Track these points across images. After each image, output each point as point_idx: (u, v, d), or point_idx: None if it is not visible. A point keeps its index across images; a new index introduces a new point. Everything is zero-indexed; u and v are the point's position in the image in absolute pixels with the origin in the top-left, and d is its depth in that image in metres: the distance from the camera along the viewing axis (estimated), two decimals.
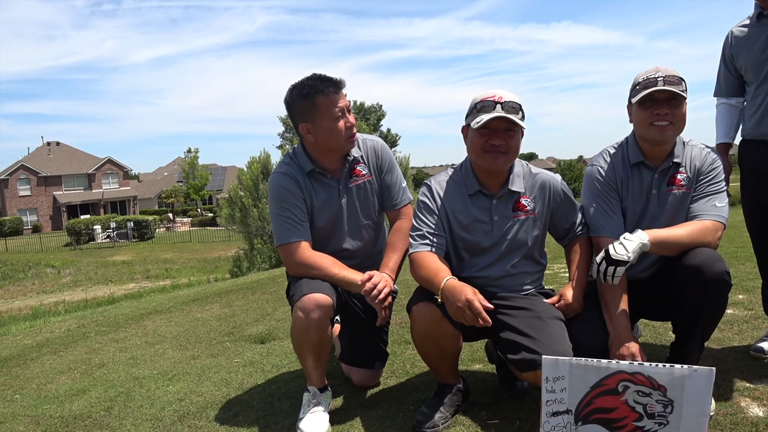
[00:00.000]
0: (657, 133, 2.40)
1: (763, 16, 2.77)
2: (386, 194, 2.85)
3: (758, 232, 3.00)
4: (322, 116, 2.60)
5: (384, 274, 2.59)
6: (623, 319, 2.36)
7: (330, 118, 2.60)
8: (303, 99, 2.61)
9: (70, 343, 4.74)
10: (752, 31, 2.83)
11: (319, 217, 2.74)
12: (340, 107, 2.60)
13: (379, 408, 2.69)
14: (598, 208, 2.54)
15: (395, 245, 2.72)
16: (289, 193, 2.67)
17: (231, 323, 4.82)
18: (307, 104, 2.60)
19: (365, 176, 2.80)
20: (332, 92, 2.58)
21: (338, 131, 2.62)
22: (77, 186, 58.92)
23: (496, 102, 2.35)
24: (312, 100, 2.59)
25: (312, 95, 2.58)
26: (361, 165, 2.79)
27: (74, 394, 3.32)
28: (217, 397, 3.03)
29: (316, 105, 2.59)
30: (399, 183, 2.86)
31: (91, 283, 25.99)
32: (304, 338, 2.49)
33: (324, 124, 2.61)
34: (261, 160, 17.54)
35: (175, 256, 34.66)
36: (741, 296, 4.07)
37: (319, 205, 2.72)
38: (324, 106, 2.59)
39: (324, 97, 2.58)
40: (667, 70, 2.38)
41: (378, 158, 2.83)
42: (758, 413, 2.33)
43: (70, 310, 9.53)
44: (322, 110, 2.59)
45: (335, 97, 2.59)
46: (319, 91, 2.58)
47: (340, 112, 2.60)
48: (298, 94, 2.62)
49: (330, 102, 2.58)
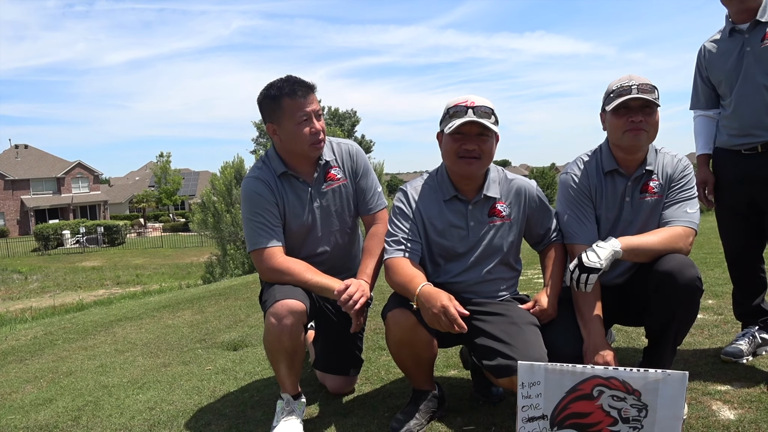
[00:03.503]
0: (631, 140, 2.42)
1: (735, 31, 2.85)
2: (361, 198, 2.83)
3: (731, 239, 3.06)
4: (286, 119, 2.58)
5: (361, 281, 2.55)
6: (597, 325, 2.38)
7: (294, 122, 2.57)
8: (270, 100, 2.60)
9: (36, 351, 4.62)
10: (725, 46, 2.90)
11: (291, 222, 2.70)
12: (306, 111, 2.57)
13: (354, 415, 2.67)
14: (572, 215, 2.56)
15: (372, 251, 2.70)
16: (262, 198, 2.63)
17: (203, 330, 4.75)
18: (273, 105, 2.59)
19: (340, 180, 2.77)
20: (300, 96, 2.56)
21: (302, 136, 2.59)
22: (46, 190, 57.75)
23: (468, 107, 2.36)
24: (278, 102, 2.57)
25: (279, 97, 2.57)
26: (336, 168, 2.77)
27: (40, 404, 3.23)
28: (188, 406, 2.97)
29: (282, 107, 2.57)
30: (374, 187, 2.85)
31: (60, 290, 25.44)
32: (276, 345, 2.45)
33: (288, 127, 2.59)
34: (234, 165, 17.46)
35: (147, 262, 34.17)
36: (711, 301, 4.14)
37: (291, 209, 2.69)
38: (289, 109, 2.56)
39: (290, 99, 2.55)
40: (641, 78, 2.41)
41: (353, 162, 2.81)
42: (729, 416, 2.35)
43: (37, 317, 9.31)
44: (287, 113, 2.57)
45: (302, 101, 2.56)
46: (286, 93, 2.56)
47: (306, 116, 2.57)
48: (266, 94, 2.61)
49: (296, 105, 2.56)
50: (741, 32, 2.83)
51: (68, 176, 59.02)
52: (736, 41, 2.84)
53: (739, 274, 3.08)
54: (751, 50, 2.78)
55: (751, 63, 2.78)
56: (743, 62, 2.80)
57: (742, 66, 2.81)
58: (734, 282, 3.12)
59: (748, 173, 2.84)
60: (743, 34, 2.81)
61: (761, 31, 2.77)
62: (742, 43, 2.82)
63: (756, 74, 2.77)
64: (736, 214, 2.97)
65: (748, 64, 2.79)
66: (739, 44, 2.83)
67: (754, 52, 2.77)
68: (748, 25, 2.79)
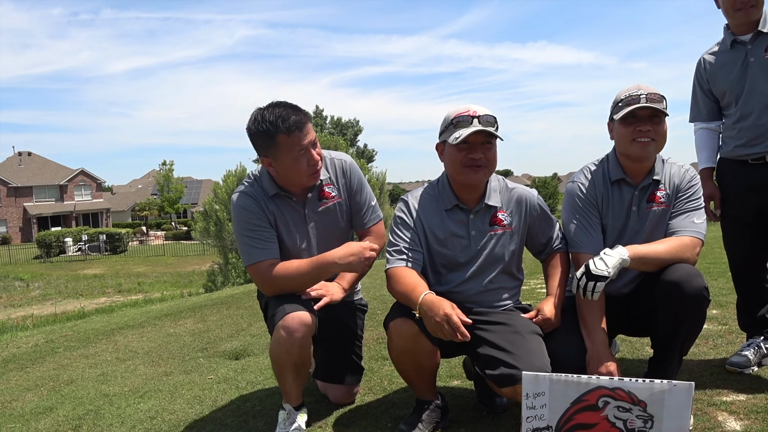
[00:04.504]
0: (639, 149, 2.43)
1: (737, 43, 2.86)
2: (356, 214, 2.80)
3: (736, 249, 3.05)
4: (283, 155, 2.51)
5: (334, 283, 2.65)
6: (601, 335, 2.37)
7: (292, 157, 2.51)
8: (265, 136, 2.50)
9: (37, 359, 4.61)
10: (726, 57, 2.91)
11: (286, 241, 2.66)
12: (303, 145, 2.50)
13: (356, 425, 2.65)
14: (578, 224, 2.56)
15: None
16: (251, 213, 2.59)
17: (205, 339, 4.74)
18: (269, 142, 2.51)
19: (335, 198, 2.73)
20: (295, 131, 2.48)
21: (300, 169, 2.54)
22: (48, 197, 57.84)
23: (472, 117, 2.36)
24: (273, 139, 2.49)
25: (274, 134, 2.48)
26: (330, 186, 2.72)
27: (41, 413, 3.22)
28: (189, 415, 2.95)
29: (278, 144, 2.49)
30: (369, 202, 2.81)
31: (61, 297, 25.41)
32: (285, 357, 2.43)
33: (286, 162, 2.53)
34: (237, 173, 17.46)
35: (148, 270, 34.15)
36: (715, 311, 4.12)
37: (284, 228, 2.65)
38: (286, 146, 2.49)
39: (286, 136, 2.47)
40: (649, 87, 2.42)
41: (347, 179, 2.76)
42: (735, 427, 2.33)
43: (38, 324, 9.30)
44: (284, 150, 2.50)
45: (298, 135, 2.48)
46: (281, 130, 2.47)
47: (303, 150, 2.51)
48: (257, 130, 2.50)
49: (292, 142, 2.48)
50: (743, 43, 2.84)
51: (71, 184, 59.13)
52: (739, 52, 2.86)
53: (744, 285, 3.07)
54: (755, 61, 2.79)
55: (757, 74, 2.79)
56: (748, 73, 2.82)
57: (747, 77, 2.82)
58: (739, 293, 3.10)
59: (757, 183, 2.84)
60: (746, 45, 2.83)
61: (764, 42, 2.79)
62: (745, 54, 2.83)
63: (762, 84, 2.78)
64: (743, 225, 2.96)
65: (754, 74, 2.80)
66: (742, 55, 2.84)
67: (759, 62, 2.79)
68: (751, 36, 2.81)
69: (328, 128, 49.76)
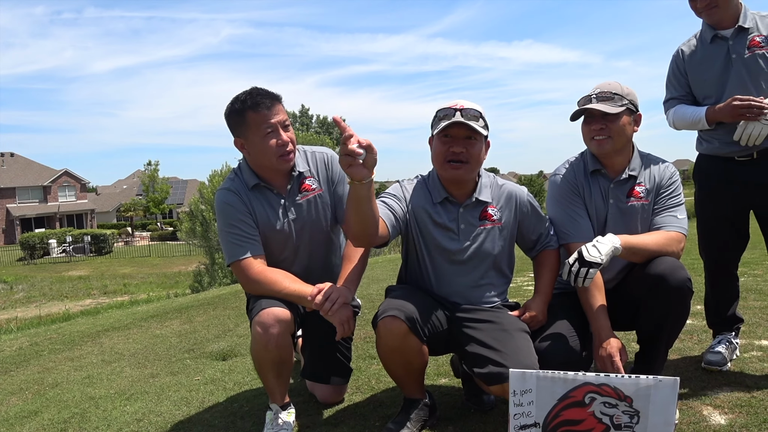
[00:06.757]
0: (596, 147, 2.53)
1: (718, 38, 2.82)
2: (339, 206, 2.78)
3: (714, 245, 3.06)
4: (252, 132, 2.53)
5: (340, 286, 2.50)
6: (601, 318, 2.41)
7: (260, 135, 2.52)
8: (235, 114, 2.55)
9: (21, 362, 4.56)
10: (707, 51, 2.86)
11: (266, 234, 2.65)
12: (271, 123, 2.51)
13: (345, 425, 2.65)
14: (564, 214, 2.59)
15: (352, 257, 2.62)
16: (234, 209, 2.58)
17: (191, 340, 4.71)
18: (239, 120, 2.54)
19: (315, 190, 2.72)
20: (264, 108, 2.50)
21: (269, 148, 2.53)
22: (32, 198, 57.18)
23: (455, 109, 2.38)
24: (243, 116, 2.52)
25: (243, 111, 2.51)
26: (310, 179, 2.72)
27: (25, 416, 3.18)
28: (176, 417, 2.93)
29: (247, 120, 2.52)
30: None
31: (46, 299, 25.14)
32: (264, 354, 2.41)
33: (255, 140, 2.54)
34: (223, 173, 17.41)
35: (134, 271, 33.90)
36: (699, 307, 4.13)
37: (265, 222, 2.64)
38: (254, 122, 2.51)
39: (254, 113, 2.50)
40: (608, 85, 2.50)
41: (328, 170, 2.76)
42: (720, 421, 2.36)
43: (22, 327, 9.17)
44: (252, 126, 2.52)
45: (266, 112, 2.50)
46: (249, 106, 2.50)
47: (271, 128, 2.52)
48: (231, 108, 2.56)
49: (261, 118, 2.50)
50: (724, 39, 2.80)
51: (55, 185, 58.50)
52: (720, 47, 2.82)
53: (717, 282, 3.09)
54: (737, 58, 2.76)
55: (741, 71, 2.76)
56: (731, 70, 2.78)
57: (730, 73, 2.78)
58: (712, 290, 3.11)
59: (745, 180, 2.83)
60: (727, 41, 2.79)
61: (745, 38, 2.76)
62: (726, 49, 2.79)
63: (746, 82, 2.75)
64: (723, 219, 2.97)
65: (737, 72, 2.76)
66: (723, 51, 2.81)
67: (742, 60, 2.76)
68: (732, 32, 2.78)
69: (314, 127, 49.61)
